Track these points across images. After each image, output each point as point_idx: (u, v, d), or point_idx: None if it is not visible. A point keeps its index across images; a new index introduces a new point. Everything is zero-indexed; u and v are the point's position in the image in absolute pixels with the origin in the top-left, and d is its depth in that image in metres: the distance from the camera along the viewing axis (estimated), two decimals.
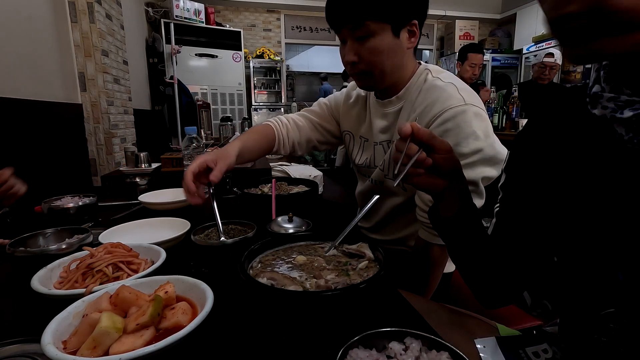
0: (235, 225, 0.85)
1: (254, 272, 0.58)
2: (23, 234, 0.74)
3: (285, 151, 1.11)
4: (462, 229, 0.56)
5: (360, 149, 1.04)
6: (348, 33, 0.81)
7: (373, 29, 0.78)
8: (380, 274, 0.53)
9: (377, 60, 0.81)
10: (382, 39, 0.80)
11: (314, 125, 1.12)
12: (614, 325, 0.40)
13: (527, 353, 0.49)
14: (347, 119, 1.07)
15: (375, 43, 0.80)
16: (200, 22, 4.71)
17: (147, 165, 1.61)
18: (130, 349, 0.38)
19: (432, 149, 0.50)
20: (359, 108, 1.03)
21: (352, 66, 0.84)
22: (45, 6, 2.12)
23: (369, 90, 0.97)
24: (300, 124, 1.12)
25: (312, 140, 1.12)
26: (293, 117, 1.13)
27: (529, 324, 0.91)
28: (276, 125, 1.09)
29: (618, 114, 0.37)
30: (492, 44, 6.26)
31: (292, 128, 1.11)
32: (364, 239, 0.65)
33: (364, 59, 0.82)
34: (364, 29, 0.78)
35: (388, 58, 0.82)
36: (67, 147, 2.28)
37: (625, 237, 0.39)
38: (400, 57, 0.84)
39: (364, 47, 0.80)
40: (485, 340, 0.52)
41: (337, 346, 0.39)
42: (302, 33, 6.21)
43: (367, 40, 0.80)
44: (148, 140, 3.67)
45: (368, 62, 0.82)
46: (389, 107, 0.92)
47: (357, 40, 0.81)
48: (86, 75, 2.50)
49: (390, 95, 0.91)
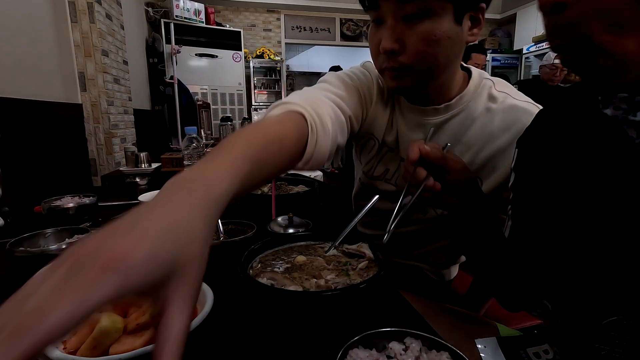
0: (235, 225, 0.84)
1: (254, 272, 0.58)
2: (23, 234, 0.74)
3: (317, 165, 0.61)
4: (481, 239, 0.55)
5: (378, 157, 0.79)
6: (392, 7, 0.58)
7: (432, 6, 0.56)
8: (380, 274, 0.53)
9: (429, 52, 0.59)
10: (441, 22, 0.57)
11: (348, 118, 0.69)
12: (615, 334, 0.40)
13: (527, 353, 0.49)
14: (376, 118, 0.76)
15: (430, 27, 0.57)
16: (200, 22, 4.71)
17: (147, 165, 1.61)
18: (130, 349, 0.38)
19: (446, 170, 0.49)
20: (390, 107, 0.76)
21: (388, 57, 0.61)
22: (45, 6, 2.12)
23: (402, 94, 0.73)
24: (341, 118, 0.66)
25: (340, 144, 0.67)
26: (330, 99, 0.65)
27: (529, 323, 0.91)
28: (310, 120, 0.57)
29: (631, 116, 0.37)
30: (492, 44, 6.26)
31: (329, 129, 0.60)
32: (364, 239, 0.65)
33: (409, 48, 0.59)
34: (420, 3, 0.56)
35: (444, 50, 0.60)
36: (67, 147, 2.28)
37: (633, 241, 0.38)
38: (458, 51, 0.64)
39: (414, 30, 0.58)
40: (486, 340, 0.52)
41: (337, 346, 0.39)
42: (302, 33, 6.21)
43: (420, 22, 0.57)
44: (148, 140, 3.67)
45: (415, 52, 0.59)
46: (432, 117, 0.71)
47: (404, 21, 0.58)
48: (86, 75, 2.50)
49: (435, 100, 0.70)
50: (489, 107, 0.69)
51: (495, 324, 0.59)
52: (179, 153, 1.71)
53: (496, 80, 0.72)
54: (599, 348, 0.41)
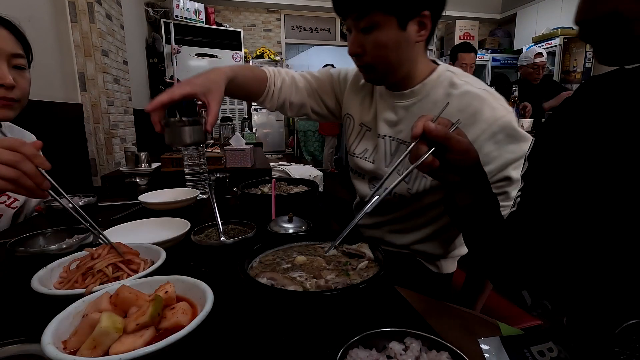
0: (235, 225, 0.84)
1: (254, 272, 0.58)
2: (23, 234, 0.74)
3: (272, 105, 1.02)
4: (477, 218, 0.55)
5: (359, 137, 0.99)
6: (353, 23, 0.78)
7: (377, 20, 0.74)
8: (380, 274, 0.53)
9: (381, 54, 0.78)
10: (387, 31, 0.75)
11: (314, 92, 1.05)
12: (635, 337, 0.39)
13: (532, 352, 0.48)
14: (351, 101, 1.00)
15: (379, 36, 0.76)
16: (200, 22, 4.71)
17: (147, 165, 1.61)
18: (130, 349, 0.38)
19: (448, 149, 0.49)
20: (366, 92, 0.98)
21: (356, 58, 0.82)
22: (45, 6, 2.12)
23: (375, 84, 0.93)
24: (300, 85, 1.03)
25: (306, 106, 1.05)
26: (293, 74, 1.05)
27: (529, 323, 0.91)
28: (271, 74, 1.00)
29: None
30: (492, 44, 6.26)
31: (288, 85, 1.02)
32: (364, 239, 0.65)
33: (368, 51, 0.79)
34: (368, 19, 0.75)
35: (393, 52, 0.77)
36: (67, 147, 2.28)
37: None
38: (407, 50, 0.79)
39: (368, 39, 0.77)
40: (490, 340, 0.51)
41: (337, 346, 0.39)
42: (302, 33, 6.21)
43: (371, 32, 0.76)
44: (148, 140, 3.66)
45: (372, 55, 0.78)
46: (400, 100, 0.87)
47: (362, 32, 0.77)
48: (86, 75, 2.50)
49: (403, 87, 0.86)
50: (449, 93, 0.81)
51: (496, 322, 0.59)
52: (179, 153, 1.71)
53: (459, 72, 0.85)
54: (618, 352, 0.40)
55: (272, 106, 1.03)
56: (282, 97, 1.02)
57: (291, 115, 1.09)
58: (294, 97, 1.02)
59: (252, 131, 3.47)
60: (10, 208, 1.03)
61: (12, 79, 0.86)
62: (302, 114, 1.08)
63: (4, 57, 0.86)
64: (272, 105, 1.03)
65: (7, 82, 0.85)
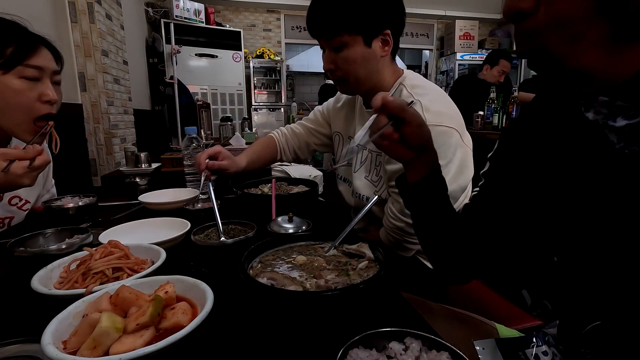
0: (235, 225, 0.84)
1: (254, 272, 0.58)
2: (23, 234, 0.74)
3: (288, 158, 1.25)
4: (427, 196, 0.58)
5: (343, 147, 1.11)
6: (324, 43, 0.89)
7: (345, 41, 0.85)
8: (380, 274, 0.53)
9: (350, 69, 0.88)
10: (355, 49, 0.86)
11: (310, 130, 1.23)
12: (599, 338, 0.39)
13: (526, 355, 0.49)
14: (336, 120, 1.15)
15: (348, 53, 0.87)
16: (200, 22, 4.71)
17: (147, 165, 1.60)
18: (130, 349, 0.38)
19: (404, 122, 0.52)
20: (348, 110, 1.11)
21: (330, 73, 0.93)
22: (45, 6, 2.12)
23: (349, 94, 1.06)
24: (297, 131, 1.25)
25: (311, 144, 1.24)
26: (291, 126, 1.28)
27: (529, 324, 0.91)
28: (277, 135, 1.25)
29: (610, 121, 0.36)
30: (492, 44, 6.26)
31: (290, 136, 1.25)
32: (363, 239, 0.65)
33: (339, 67, 0.89)
34: (337, 40, 0.86)
35: (361, 66, 0.88)
36: (67, 147, 2.28)
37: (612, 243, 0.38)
38: (373, 65, 0.89)
39: (339, 56, 0.88)
40: (485, 342, 0.51)
41: (337, 346, 0.39)
42: (302, 33, 6.20)
43: (341, 51, 0.87)
44: (148, 140, 3.66)
45: (343, 70, 0.89)
46: (370, 111, 0.95)
47: (334, 50, 0.88)
48: (86, 76, 2.50)
49: None
50: None
51: (494, 324, 0.59)
52: (179, 153, 1.71)
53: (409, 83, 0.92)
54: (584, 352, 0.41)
55: (288, 158, 1.26)
56: (290, 148, 1.24)
57: (305, 157, 1.29)
58: (299, 143, 1.24)
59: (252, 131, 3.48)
60: (22, 210, 1.03)
61: (56, 95, 0.91)
62: (311, 152, 1.28)
63: (48, 75, 0.89)
64: (288, 158, 1.26)
65: (54, 99, 0.90)
